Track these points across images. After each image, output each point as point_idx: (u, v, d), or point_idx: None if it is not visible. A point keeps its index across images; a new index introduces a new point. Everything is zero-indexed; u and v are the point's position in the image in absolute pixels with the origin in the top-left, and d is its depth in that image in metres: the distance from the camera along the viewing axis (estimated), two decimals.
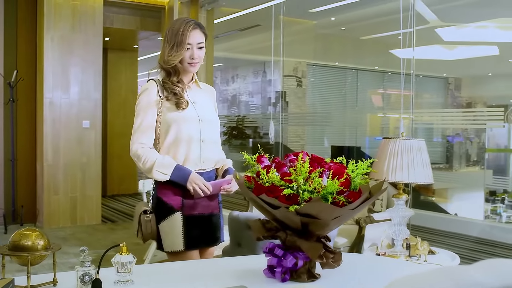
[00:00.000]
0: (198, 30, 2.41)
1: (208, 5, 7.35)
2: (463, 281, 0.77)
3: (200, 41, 2.41)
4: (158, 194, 2.40)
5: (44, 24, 6.68)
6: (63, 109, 6.82)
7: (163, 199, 2.39)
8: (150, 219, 2.38)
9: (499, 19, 7.86)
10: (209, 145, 2.46)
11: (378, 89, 11.69)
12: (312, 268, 1.82)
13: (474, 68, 10.96)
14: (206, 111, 2.49)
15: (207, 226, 2.45)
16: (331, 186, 1.66)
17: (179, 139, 2.38)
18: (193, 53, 2.38)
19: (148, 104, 2.39)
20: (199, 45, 2.40)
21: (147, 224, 2.38)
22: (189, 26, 2.38)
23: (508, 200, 9.97)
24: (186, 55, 2.38)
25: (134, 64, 10.18)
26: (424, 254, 3.22)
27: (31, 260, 1.66)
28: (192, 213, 2.40)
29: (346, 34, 9.90)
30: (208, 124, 2.46)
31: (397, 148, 3.16)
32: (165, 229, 2.38)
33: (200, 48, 2.41)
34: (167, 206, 2.38)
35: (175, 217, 2.37)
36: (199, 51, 2.41)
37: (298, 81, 10.67)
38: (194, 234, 2.39)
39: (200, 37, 2.41)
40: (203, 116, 2.44)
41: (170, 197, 2.38)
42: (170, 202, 2.38)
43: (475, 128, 10.59)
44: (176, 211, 2.37)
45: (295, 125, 9.37)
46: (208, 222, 2.46)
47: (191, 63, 2.40)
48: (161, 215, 2.39)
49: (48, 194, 6.73)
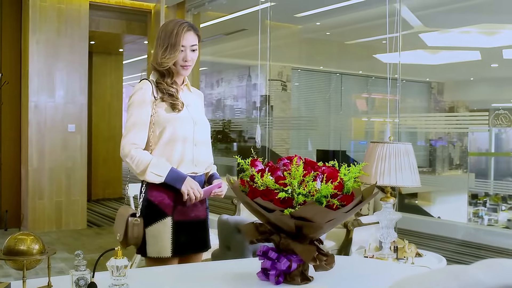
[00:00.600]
0: (192, 32, 2.37)
1: (194, 9, 7.36)
2: (466, 280, 0.80)
3: (194, 43, 2.37)
4: (149, 197, 2.32)
5: (29, 27, 6.64)
6: (48, 112, 6.78)
7: (154, 202, 2.31)
8: (139, 223, 2.28)
9: (481, 24, 7.98)
10: (202, 148, 2.42)
11: (362, 93, 11.79)
12: (306, 271, 1.84)
13: (457, 72, 11.11)
14: (199, 114, 2.46)
15: (196, 232, 2.40)
16: (325, 189, 1.68)
17: (173, 141, 2.32)
18: (186, 55, 2.34)
19: (142, 103, 2.32)
20: (193, 47, 2.37)
21: (134, 228, 2.27)
22: (183, 27, 2.34)
23: (490, 203, 10.10)
24: (179, 57, 2.34)
25: (119, 68, 10.15)
26: (411, 256, 3.26)
27: (26, 265, 1.66)
28: (182, 218, 2.34)
29: (331, 39, 9.98)
30: (201, 127, 2.43)
31: (385, 152, 3.20)
32: (154, 234, 2.30)
33: (193, 51, 2.37)
34: (158, 210, 2.31)
35: (165, 222, 2.30)
36: (192, 53, 2.37)
37: (283, 85, 10.72)
38: (182, 240, 2.33)
39: (193, 39, 2.37)
40: (196, 119, 2.41)
41: (161, 201, 2.31)
42: (161, 206, 2.31)
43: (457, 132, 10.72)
44: (167, 215, 2.31)
45: (279, 129, 9.41)
46: (197, 228, 2.41)
47: (184, 65, 2.36)
48: (150, 219, 2.31)
49: (33, 198, 6.68)
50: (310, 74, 11.37)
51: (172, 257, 2.31)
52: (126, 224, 2.28)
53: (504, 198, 10.01)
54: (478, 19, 7.89)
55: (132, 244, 2.31)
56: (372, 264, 2.45)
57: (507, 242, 5.40)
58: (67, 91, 6.91)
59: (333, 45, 10.47)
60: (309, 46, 10.47)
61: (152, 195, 2.32)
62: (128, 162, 2.29)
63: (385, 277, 2.05)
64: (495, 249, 5.28)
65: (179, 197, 2.31)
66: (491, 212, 9.85)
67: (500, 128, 4.46)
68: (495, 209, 9.91)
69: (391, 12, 4.98)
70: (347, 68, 11.47)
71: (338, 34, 9.35)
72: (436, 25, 8.40)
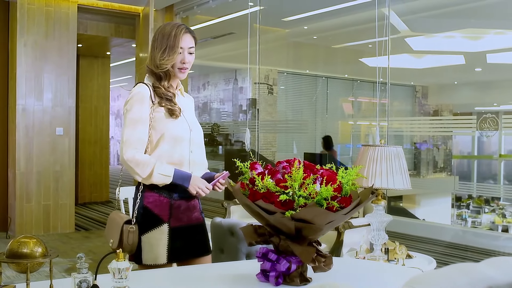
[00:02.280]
0: (189, 34, 2.35)
1: (183, 12, 7.38)
2: (476, 277, 0.84)
3: (191, 45, 2.35)
4: (145, 204, 2.28)
5: (17, 29, 6.60)
6: (36, 116, 6.74)
7: (150, 209, 2.28)
8: (134, 230, 2.23)
9: (466, 29, 8.10)
10: (198, 152, 2.41)
11: (347, 96, 11.87)
12: (304, 272, 1.88)
13: (441, 76, 11.24)
14: (194, 120, 2.45)
15: (194, 237, 2.37)
16: (325, 191, 1.72)
17: (170, 146, 2.30)
18: (184, 57, 2.33)
19: (141, 108, 2.28)
20: (190, 50, 2.35)
21: (130, 236, 2.22)
22: (181, 29, 2.32)
23: (473, 206, 10.24)
24: (177, 59, 2.32)
25: (106, 71, 10.11)
26: (402, 258, 3.31)
27: (29, 267, 1.67)
28: (178, 224, 2.31)
29: (318, 43, 10.05)
30: (196, 132, 2.42)
31: (376, 155, 3.25)
32: (150, 241, 2.26)
33: (190, 53, 2.35)
34: (154, 216, 2.27)
35: (162, 229, 2.27)
36: (190, 56, 2.35)
37: (269, 89, 10.77)
38: (178, 245, 2.30)
39: (191, 41, 2.35)
40: (192, 125, 2.40)
41: (158, 207, 2.28)
42: (158, 212, 2.28)
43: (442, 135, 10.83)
44: (163, 222, 2.28)
45: (266, 132, 9.44)
46: (195, 232, 2.38)
47: (181, 68, 2.34)
48: (146, 227, 2.27)
49: (21, 202, 6.63)
50: (296, 78, 11.44)
51: (167, 263, 2.28)
52: (121, 231, 2.23)
53: (487, 200, 10.15)
54: (463, 24, 8.01)
55: (126, 252, 2.24)
56: (365, 265, 2.49)
57: (492, 244, 5.49)
58: (55, 94, 6.88)
59: (319, 49, 10.55)
60: (296, 49, 10.54)
61: (148, 202, 2.29)
62: (131, 167, 2.23)
63: (382, 277, 2.09)
64: (480, 251, 5.37)
65: (176, 203, 2.30)
66: (474, 214, 9.99)
67: (488, 131, 4.54)
68: (478, 211, 10.05)
69: (378, 17, 5.05)
70: (333, 71, 11.55)
71: (325, 38, 9.43)
72: (421, 30, 8.51)
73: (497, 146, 10.73)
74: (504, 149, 10.73)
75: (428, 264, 3.44)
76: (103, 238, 6.75)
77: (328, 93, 11.42)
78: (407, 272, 2.25)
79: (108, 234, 2.31)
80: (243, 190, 1.88)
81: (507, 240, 5.72)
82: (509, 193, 8.79)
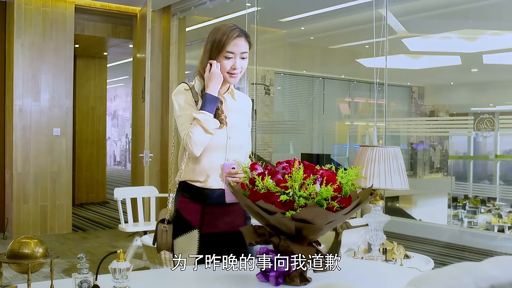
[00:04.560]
0: (243, 38, 2.23)
1: (180, 13, 7.38)
2: (480, 275, 0.85)
3: (244, 50, 2.23)
4: (178, 207, 2.24)
5: (14, 29, 6.59)
6: (33, 116, 6.74)
7: (181, 213, 2.24)
8: (167, 230, 2.21)
9: (462, 30, 8.13)
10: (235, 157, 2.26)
11: (344, 97, 11.89)
12: (304, 272, 1.89)
13: (438, 77, 11.27)
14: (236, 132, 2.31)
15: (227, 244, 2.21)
16: (325, 192, 1.73)
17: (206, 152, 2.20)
18: (235, 62, 2.21)
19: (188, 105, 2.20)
20: (243, 55, 2.23)
21: (163, 234, 2.21)
22: (233, 34, 2.20)
23: (469, 206, 10.27)
24: (227, 64, 2.21)
25: (103, 72, 10.11)
26: (400, 258, 3.32)
27: (30, 268, 1.67)
28: (211, 231, 2.23)
29: (315, 43, 10.06)
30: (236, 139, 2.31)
31: (374, 156, 3.26)
32: (180, 246, 2.22)
33: (243, 58, 2.24)
34: (185, 221, 2.23)
35: (192, 235, 2.21)
36: (242, 61, 2.23)
37: (266, 89, 10.77)
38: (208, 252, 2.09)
39: (244, 46, 2.23)
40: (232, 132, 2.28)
41: (188, 212, 2.23)
42: (188, 217, 2.22)
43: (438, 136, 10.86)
44: (193, 228, 2.22)
45: (263, 132, 9.45)
46: (229, 241, 2.23)
47: (232, 73, 2.23)
48: (178, 230, 2.23)
49: (18, 203, 6.62)
50: (293, 78, 11.44)
51: None
52: (156, 229, 2.25)
53: (483, 200, 10.18)
54: (459, 25, 8.04)
55: (163, 250, 2.24)
56: (363, 265, 2.50)
57: (489, 244, 5.50)
58: (52, 94, 6.88)
59: (316, 49, 10.56)
60: (293, 50, 10.55)
61: (180, 206, 2.24)
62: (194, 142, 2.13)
63: (381, 277, 2.11)
64: (477, 251, 5.38)
65: (209, 209, 2.23)
66: (470, 214, 10.01)
67: (484, 132, 4.56)
68: (475, 212, 10.07)
69: (375, 18, 5.07)
70: (330, 72, 11.56)
71: (322, 39, 9.45)
72: (418, 31, 8.53)
73: (493, 146, 10.76)
74: (500, 150, 10.76)
75: (426, 264, 3.45)
76: (100, 239, 6.74)
77: (325, 94, 11.43)
78: (405, 272, 2.26)
79: None
80: (244, 190, 1.88)
81: (503, 240, 5.74)
82: (505, 193, 8.82)
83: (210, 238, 2.22)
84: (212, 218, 2.23)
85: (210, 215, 2.23)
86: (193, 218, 2.22)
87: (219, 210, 2.24)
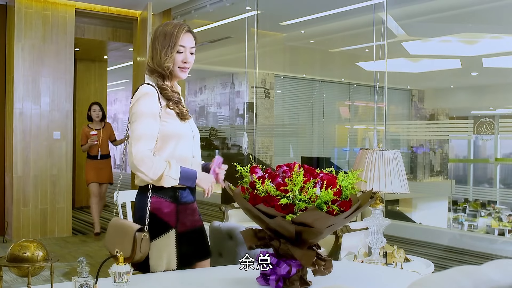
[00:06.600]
0: (191, 34, 2.33)
1: (180, 17, 7.39)
2: (480, 278, 0.85)
3: (193, 45, 2.32)
4: (152, 210, 2.22)
5: (14, 33, 6.60)
6: (33, 120, 6.74)
7: (157, 215, 2.22)
8: (147, 238, 2.13)
9: (462, 33, 8.14)
10: (198, 160, 2.40)
11: (344, 100, 11.89)
12: (304, 275, 1.89)
13: (437, 80, 11.27)
14: (194, 124, 2.42)
15: (197, 240, 2.34)
16: (325, 195, 1.73)
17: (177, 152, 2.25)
18: (186, 56, 2.29)
19: (151, 109, 2.19)
20: (191, 50, 2.32)
21: (143, 244, 2.10)
22: (183, 28, 2.29)
23: (470, 209, 10.26)
24: (178, 58, 2.27)
25: (103, 75, 10.11)
26: (400, 261, 3.32)
27: (30, 271, 1.67)
28: (184, 229, 2.27)
29: (315, 47, 10.07)
30: (197, 139, 2.41)
31: (374, 159, 3.26)
32: (158, 248, 2.19)
33: (192, 54, 2.32)
34: (162, 222, 2.22)
35: (170, 235, 2.22)
36: (191, 56, 2.31)
37: (266, 93, 10.78)
38: (184, 251, 2.25)
39: (192, 41, 2.32)
40: (194, 130, 2.37)
41: (165, 213, 2.23)
42: (166, 218, 2.22)
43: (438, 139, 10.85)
44: (171, 228, 2.23)
45: (263, 136, 9.45)
46: (197, 236, 2.34)
47: (182, 67, 2.30)
48: (154, 233, 2.20)
49: (18, 206, 6.62)
50: (293, 82, 11.45)
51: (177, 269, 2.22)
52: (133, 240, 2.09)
53: (483, 204, 10.18)
54: (459, 29, 8.04)
55: (136, 261, 2.12)
56: (364, 268, 2.50)
57: (489, 247, 5.49)
58: (52, 98, 6.88)
59: (316, 53, 10.57)
60: (293, 53, 10.56)
61: (155, 208, 2.22)
62: (142, 170, 2.13)
63: (381, 281, 2.10)
64: (478, 254, 5.37)
65: (182, 208, 2.27)
66: (471, 217, 10.00)
67: (484, 135, 4.56)
68: (475, 215, 10.06)
69: (375, 21, 5.08)
70: (329, 75, 11.57)
71: (322, 42, 9.46)
72: (418, 34, 8.54)
73: (493, 150, 10.76)
74: (500, 153, 10.75)
75: (426, 267, 3.45)
76: (100, 242, 6.73)
77: (325, 97, 11.43)
78: (405, 275, 2.27)
79: (114, 242, 2.20)
80: (244, 194, 1.89)
81: (504, 244, 5.74)
82: (505, 196, 8.81)
83: (183, 236, 2.27)
84: (184, 216, 2.28)
85: (183, 214, 2.28)
86: (170, 219, 2.24)
87: (188, 208, 2.31)
